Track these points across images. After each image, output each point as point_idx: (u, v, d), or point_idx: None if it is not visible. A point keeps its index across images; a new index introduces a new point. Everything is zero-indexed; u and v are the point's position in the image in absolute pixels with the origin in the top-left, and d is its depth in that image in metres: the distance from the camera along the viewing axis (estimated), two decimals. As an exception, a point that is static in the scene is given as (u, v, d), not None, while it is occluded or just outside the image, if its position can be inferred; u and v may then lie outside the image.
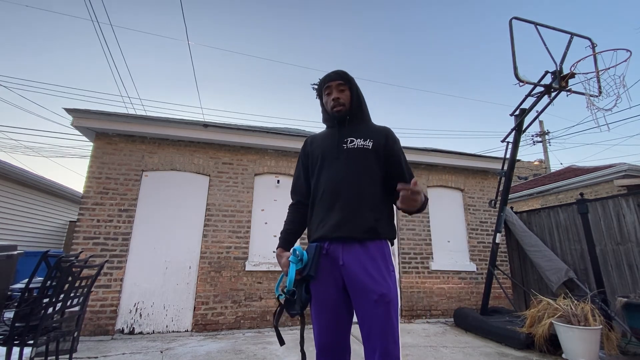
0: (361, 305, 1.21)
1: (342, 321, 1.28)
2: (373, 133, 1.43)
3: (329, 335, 1.26)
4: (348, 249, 1.27)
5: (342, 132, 1.44)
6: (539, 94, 4.03)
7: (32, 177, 6.95)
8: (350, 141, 1.40)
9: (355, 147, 1.38)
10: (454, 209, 5.67)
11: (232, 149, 4.76)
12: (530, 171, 14.60)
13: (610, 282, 4.08)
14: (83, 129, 4.25)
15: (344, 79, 1.45)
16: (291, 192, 1.58)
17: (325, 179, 1.38)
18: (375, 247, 1.28)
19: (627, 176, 6.31)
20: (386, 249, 1.32)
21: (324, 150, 1.44)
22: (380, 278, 1.22)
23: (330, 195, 1.34)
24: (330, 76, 1.46)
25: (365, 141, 1.39)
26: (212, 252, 4.30)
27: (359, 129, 1.44)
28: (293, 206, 1.54)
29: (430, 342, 3.68)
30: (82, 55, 43.84)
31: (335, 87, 1.45)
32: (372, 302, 1.18)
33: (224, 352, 3.23)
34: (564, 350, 3.10)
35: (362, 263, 1.24)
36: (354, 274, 1.23)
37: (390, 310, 1.19)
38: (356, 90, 1.48)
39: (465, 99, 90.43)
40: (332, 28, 78.71)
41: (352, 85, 1.46)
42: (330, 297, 1.26)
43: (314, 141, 1.53)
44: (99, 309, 3.76)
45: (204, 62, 62.80)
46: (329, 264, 1.29)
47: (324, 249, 1.30)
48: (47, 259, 2.22)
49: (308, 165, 1.51)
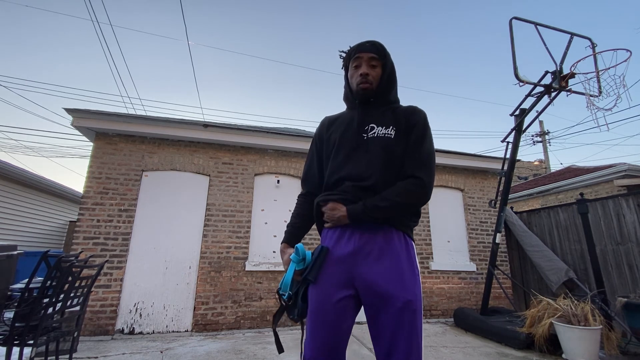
0: (379, 312, 1.04)
1: (343, 334, 1.08)
2: (398, 117, 1.22)
3: (324, 354, 1.05)
4: (365, 243, 1.11)
5: (362, 117, 1.24)
6: (539, 94, 4.03)
7: (32, 177, 6.95)
8: (371, 129, 1.21)
9: (376, 137, 1.20)
10: (454, 209, 5.67)
11: (232, 149, 4.76)
12: (530, 171, 14.60)
13: (610, 282, 4.08)
14: (83, 129, 4.25)
15: (379, 53, 1.23)
16: (302, 180, 1.40)
17: (342, 171, 1.20)
18: (399, 242, 1.13)
19: (627, 176, 6.31)
20: (410, 247, 1.15)
21: (342, 138, 1.25)
22: (407, 281, 1.06)
23: (345, 191, 1.17)
24: (364, 46, 1.24)
25: (388, 129, 1.20)
26: (212, 252, 4.30)
27: (383, 113, 1.24)
28: (302, 197, 1.35)
29: (430, 342, 3.68)
30: (82, 55, 43.82)
31: (366, 61, 1.22)
32: (395, 310, 1.01)
33: (224, 352, 3.23)
34: (564, 350, 3.10)
35: (382, 264, 1.07)
36: (371, 277, 1.06)
37: (416, 320, 1.02)
38: (390, 69, 1.26)
39: (465, 99, 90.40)
40: (333, 28, 78.71)
41: (387, 62, 1.25)
42: (330, 307, 1.07)
43: (332, 124, 1.34)
44: (99, 309, 3.76)
45: (204, 62, 62.78)
46: (336, 264, 1.11)
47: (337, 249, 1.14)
48: (47, 259, 2.22)
49: (322, 151, 1.33)
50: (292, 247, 1.24)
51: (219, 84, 69.15)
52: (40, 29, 34.87)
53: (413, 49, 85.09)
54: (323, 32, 78.76)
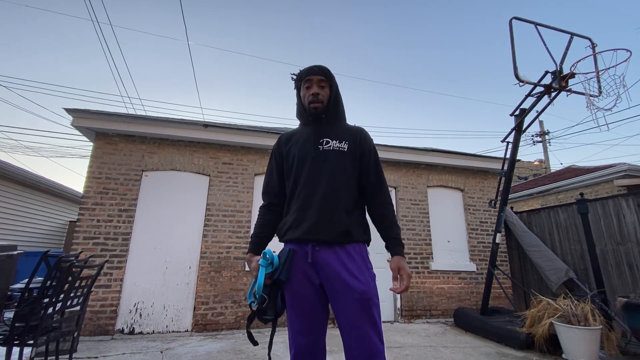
0: (341, 304, 1.19)
1: (319, 323, 1.25)
2: (348, 134, 1.41)
3: (306, 339, 1.22)
4: (326, 249, 1.25)
5: (317, 132, 1.40)
6: (539, 94, 4.02)
7: (32, 177, 6.95)
8: (325, 142, 1.38)
9: (331, 149, 1.36)
10: (454, 209, 5.67)
11: (232, 149, 4.76)
12: (530, 171, 14.60)
13: (610, 282, 4.08)
14: (83, 129, 4.25)
15: (326, 76, 1.41)
16: (263, 192, 1.50)
17: (302, 179, 1.34)
18: (353, 248, 1.27)
19: (627, 176, 6.31)
20: (364, 251, 1.32)
21: (300, 150, 1.39)
22: (361, 276, 1.21)
23: (306, 197, 1.31)
24: (313, 69, 1.41)
25: (341, 143, 1.37)
26: (212, 252, 4.30)
27: (334, 129, 1.42)
28: (265, 208, 1.47)
29: (430, 342, 3.68)
30: (82, 55, 43.84)
31: (316, 82, 1.40)
32: (353, 301, 1.17)
33: (224, 352, 3.23)
34: (564, 350, 3.10)
35: (342, 262, 1.22)
36: (334, 273, 1.21)
37: (371, 307, 1.18)
38: (336, 89, 1.45)
39: (465, 99, 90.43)
40: (332, 28, 78.72)
41: (332, 83, 1.43)
42: (305, 299, 1.23)
43: (289, 140, 1.47)
44: (99, 309, 3.76)
45: (204, 62, 62.78)
46: (304, 264, 1.25)
47: (299, 251, 1.27)
48: (47, 259, 2.22)
49: (282, 164, 1.45)
50: (258, 255, 1.34)
51: (219, 84, 69.16)
52: (40, 29, 34.87)
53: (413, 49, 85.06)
54: (323, 33, 78.80)
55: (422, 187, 5.52)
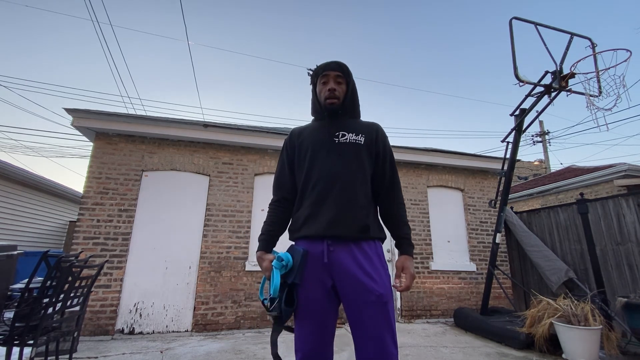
0: (356, 305, 1.15)
1: (328, 328, 1.20)
2: (364, 128, 1.38)
3: (313, 344, 1.17)
4: (341, 248, 1.20)
5: (333, 126, 1.37)
6: (539, 94, 4.02)
7: (32, 177, 6.95)
8: (342, 135, 1.33)
9: (348, 142, 1.32)
10: (454, 209, 5.67)
11: (232, 149, 4.76)
12: (530, 171, 14.60)
13: (610, 282, 4.08)
14: (83, 129, 4.25)
15: (344, 72, 1.38)
16: (274, 187, 1.44)
17: (317, 172, 1.29)
18: (369, 246, 1.23)
19: (627, 176, 6.31)
20: (380, 249, 1.28)
21: (314, 142, 1.35)
22: (377, 277, 1.17)
23: (322, 190, 1.25)
24: (330, 65, 1.38)
25: (358, 136, 1.33)
26: (212, 252, 4.30)
27: (350, 123, 1.39)
28: (276, 203, 1.40)
29: (430, 342, 3.68)
30: (82, 55, 43.84)
31: (333, 78, 1.37)
32: (369, 303, 1.13)
33: (224, 352, 3.23)
34: (564, 350, 3.10)
35: (358, 262, 1.18)
36: (349, 274, 1.17)
37: (388, 310, 1.15)
38: (352, 85, 1.42)
39: (465, 99, 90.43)
40: (333, 28, 78.75)
41: (349, 79, 1.40)
42: (315, 303, 1.18)
43: (302, 133, 1.43)
44: (99, 309, 3.76)
45: (204, 62, 62.79)
46: (317, 266, 1.20)
47: (313, 251, 1.21)
48: (47, 259, 2.22)
49: (294, 158, 1.40)
50: (269, 253, 1.29)
51: (219, 84, 69.18)
52: (40, 29, 34.88)
53: (414, 49, 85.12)
54: (323, 33, 78.84)
55: (422, 187, 5.52)
